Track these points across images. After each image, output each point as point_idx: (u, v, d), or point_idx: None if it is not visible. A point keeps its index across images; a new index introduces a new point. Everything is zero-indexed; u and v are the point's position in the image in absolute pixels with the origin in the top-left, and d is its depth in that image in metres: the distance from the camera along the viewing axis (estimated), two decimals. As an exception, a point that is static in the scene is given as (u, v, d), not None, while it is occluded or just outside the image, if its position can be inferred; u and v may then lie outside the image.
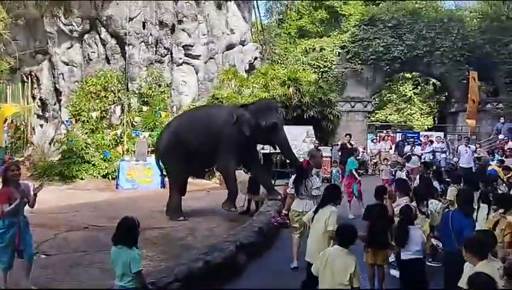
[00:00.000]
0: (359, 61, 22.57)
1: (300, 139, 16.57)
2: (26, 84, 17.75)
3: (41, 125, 17.79)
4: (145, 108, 16.78)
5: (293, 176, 7.59)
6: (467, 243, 4.26)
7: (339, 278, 4.31)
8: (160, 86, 17.27)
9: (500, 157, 13.94)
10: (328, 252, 4.58)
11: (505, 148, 16.23)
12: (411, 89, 32.27)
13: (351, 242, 4.53)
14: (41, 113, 17.92)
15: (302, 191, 7.11)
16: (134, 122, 16.46)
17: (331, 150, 17.98)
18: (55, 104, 17.66)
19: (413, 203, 6.79)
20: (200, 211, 10.20)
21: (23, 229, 5.60)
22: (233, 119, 9.44)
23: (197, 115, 10.58)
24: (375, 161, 18.94)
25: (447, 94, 25.53)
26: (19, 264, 5.58)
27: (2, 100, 16.61)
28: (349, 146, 15.31)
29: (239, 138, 9.40)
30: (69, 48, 17.47)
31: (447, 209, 7.03)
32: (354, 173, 11.57)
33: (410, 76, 30.06)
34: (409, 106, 33.10)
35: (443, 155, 17.75)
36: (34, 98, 17.91)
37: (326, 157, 16.25)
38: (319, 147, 15.49)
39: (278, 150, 16.39)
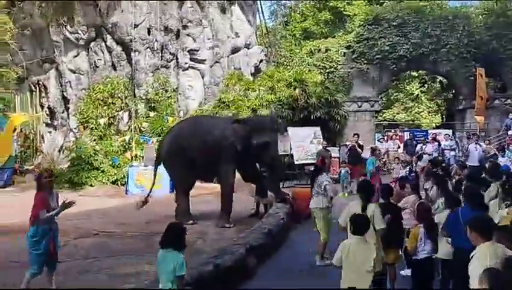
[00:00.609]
0: (365, 61, 22.52)
1: (307, 140, 16.53)
2: (34, 93, 17.92)
3: (50, 133, 17.93)
4: (152, 113, 16.85)
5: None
6: (473, 223, 4.18)
7: (364, 266, 4.59)
8: (166, 91, 17.33)
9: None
10: (347, 243, 4.75)
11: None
12: (418, 87, 32.10)
13: (364, 230, 4.74)
14: (49, 122, 18.06)
15: (316, 189, 7.48)
16: (142, 128, 16.53)
17: (339, 150, 17.91)
18: (63, 112, 17.79)
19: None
20: (210, 215, 10.19)
21: (56, 235, 5.78)
22: (228, 133, 9.49)
23: (197, 123, 10.63)
24: (384, 160, 18.84)
25: (454, 91, 25.36)
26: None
27: (11, 110, 16.78)
28: (358, 147, 15.24)
29: (234, 152, 9.43)
30: (76, 56, 17.60)
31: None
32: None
33: (416, 74, 29.92)
34: (416, 104, 32.91)
35: (452, 153, 17.61)
36: (42, 106, 18.06)
37: (335, 157, 16.20)
38: (327, 148, 15.45)
39: (286, 152, 16.57)
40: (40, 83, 17.90)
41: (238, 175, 10.40)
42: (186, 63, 18.17)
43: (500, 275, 3.30)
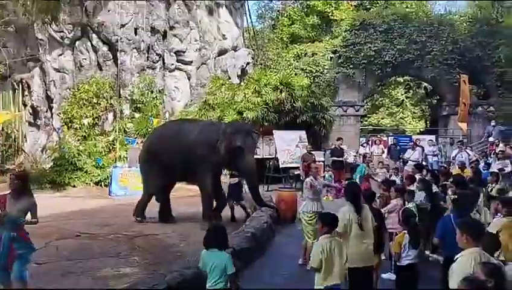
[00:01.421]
0: (351, 66, 22.67)
1: (293, 144, 16.58)
2: (17, 91, 17.65)
3: (33, 133, 17.67)
4: (137, 114, 16.74)
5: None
6: (464, 225, 4.19)
7: (343, 261, 4.88)
8: (152, 92, 17.22)
9: (495, 160, 14.07)
10: (322, 243, 4.88)
11: (497, 150, 16.35)
12: (403, 93, 32.44)
13: (334, 227, 5.03)
14: (32, 121, 17.81)
15: (306, 193, 7.75)
16: (126, 129, 16.40)
17: (324, 154, 18.00)
18: (46, 111, 17.56)
19: (411, 205, 7.11)
20: (193, 217, 10.15)
21: (5, 245, 5.11)
22: (204, 138, 9.47)
23: (172, 129, 10.64)
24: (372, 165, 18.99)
25: (438, 97, 25.69)
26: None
27: (-7, 108, 16.50)
28: (339, 149, 15.44)
29: (211, 158, 9.41)
30: (60, 54, 17.40)
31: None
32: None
33: (402, 80, 30.25)
34: (401, 109, 33.26)
35: (435, 158, 17.82)
36: (25, 105, 17.80)
37: (319, 161, 16.27)
38: (312, 152, 15.51)
39: (271, 155, 16.59)
40: (24, 81, 17.65)
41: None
42: (172, 64, 18.09)
43: (479, 284, 3.32)
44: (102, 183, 14.82)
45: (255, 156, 16.26)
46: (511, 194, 8.30)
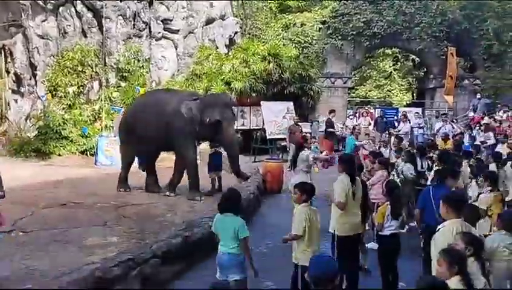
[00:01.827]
0: (339, 37, 22.55)
1: (280, 115, 16.61)
2: (-1, 58, 17.25)
3: (16, 101, 17.38)
4: (123, 83, 16.52)
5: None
6: (447, 197, 4.36)
7: (318, 228, 5.09)
8: (138, 60, 16.96)
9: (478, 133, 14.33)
10: (304, 211, 4.99)
11: (481, 122, 16.59)
12: (391, 65, 32.42)
13: (312, 195, 5.25)
14: (16, 88, 17.47)
15: (299, 166, 7.92)
16: (112, 98, 16.20)
17: (311, 126, 18.08)
18: (30, 79, 17.20)
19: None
20: (180, 187, 10.19)
21: None
22: (182, 109, 9.42)
23: (150, 100, 10.62)
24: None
25: (425, 70, 25.76)
26: None
27: (-25, 75, 16.15)
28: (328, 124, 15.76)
29: (190, 129, 9.42)
30: (44, 20, 16.92)
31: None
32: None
33: (390, 52, 30.19)
34: (388, 82, 33.31)
35: (420, 131, 18.02)
36: (8, 72, 17.42)
37: (306, 133, 16.36)
38: (299, 123, 15.57)
39: (258, 126, 16.61)
40: (6, 48, 17.21)
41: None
42: (159, 33, 17.77)
43: (456, 254, 3.44)
44: (88, 152, 14.74)
45: (242, 127, 16.45)
46: (491, 167, 8.47)
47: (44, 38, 16.90)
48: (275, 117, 16.49)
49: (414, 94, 30.76)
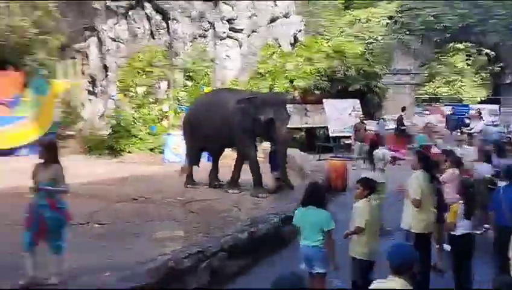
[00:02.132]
0: (407, 32, 21.83)
1: (345, 113, 16.31)
2: (75, 60, 18.26)
3: (91, 101, 18.34)
4: (189, 83, 16.94)
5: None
6: None
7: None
8: (204, 60, 17.33)
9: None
10: (365, 205, 4.92)
11: None
12: (462, 60, 30.90)
13: (373, 192, 5.11)
14: (91, 89, 18.45)
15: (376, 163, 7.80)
16: (179, 98, 16.67)
17: (377, 124, 17.60)
18: (103, 80, 18.11)
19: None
20: (245, 184, 10.27)
21: (45, 214, 4.93)
22: (239, 108, 9.66)
23: (212, 99, 11.01)
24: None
25: (501, 65, 24.32)
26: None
27: (53, 76, 17.18)
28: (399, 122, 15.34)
29: (247, 126, 9.65)
30: (116, 24, 17.75)
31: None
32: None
33: (461, 46, 28.78)
34: (459, 78, 31.79)
35: (495, 129, 17.00)
36: (83, 74, 18.43)
37: (370, 131, 15.96)
38: (364, 121, 15.21)
39: (322, 124, 16.41)
40: (81, 50, 18.22)
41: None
42: (224, 32, 18.03)
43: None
44: (157, 150, 15.24)
45: (306, 125, 16.33)
46: None
47: (116, 41, 17.69)
48: (339, 115, 16.22)
49: (488, 90, 29.13)
